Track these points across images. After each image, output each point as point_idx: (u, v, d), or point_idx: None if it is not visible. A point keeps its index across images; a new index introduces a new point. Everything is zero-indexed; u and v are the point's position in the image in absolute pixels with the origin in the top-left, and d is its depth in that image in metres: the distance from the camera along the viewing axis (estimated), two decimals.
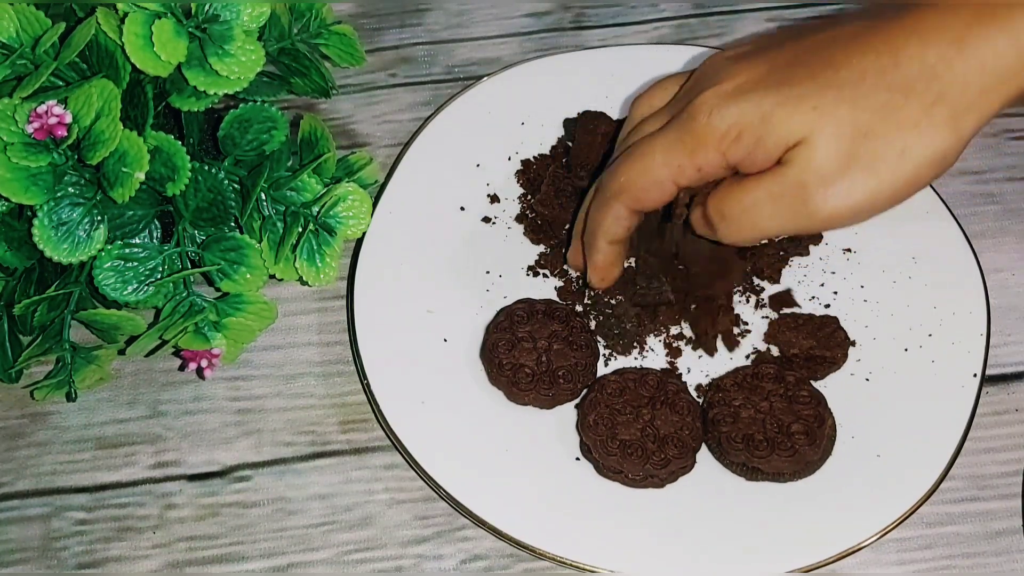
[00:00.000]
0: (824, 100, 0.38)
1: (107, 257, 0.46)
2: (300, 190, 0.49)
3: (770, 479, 0.46)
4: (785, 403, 0.47)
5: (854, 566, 0.46)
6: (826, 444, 0.47)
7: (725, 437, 0.46)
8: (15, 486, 0.49)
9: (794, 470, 0.46)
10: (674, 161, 0.41)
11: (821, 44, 0.41)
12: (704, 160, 0.40)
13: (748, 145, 0.40)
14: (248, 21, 0.47)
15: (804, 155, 0.39)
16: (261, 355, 0.52)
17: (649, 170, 0.42)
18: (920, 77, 0.38)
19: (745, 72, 0.41)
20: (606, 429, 0.46)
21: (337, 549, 0.47)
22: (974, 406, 0.48)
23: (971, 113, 0.38)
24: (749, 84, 0.40)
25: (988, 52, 0.38)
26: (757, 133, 0.39)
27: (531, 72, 0.58)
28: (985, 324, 0.50)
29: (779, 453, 0.46)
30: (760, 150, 0.40)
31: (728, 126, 0.39)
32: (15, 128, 0.43)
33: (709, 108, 0.40)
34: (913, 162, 0.39)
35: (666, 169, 0.41)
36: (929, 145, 0.38)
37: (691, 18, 0.64)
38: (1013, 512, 0.47)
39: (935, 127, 0.38)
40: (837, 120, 0.38)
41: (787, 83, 0.39)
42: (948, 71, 0.38)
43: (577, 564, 0.45)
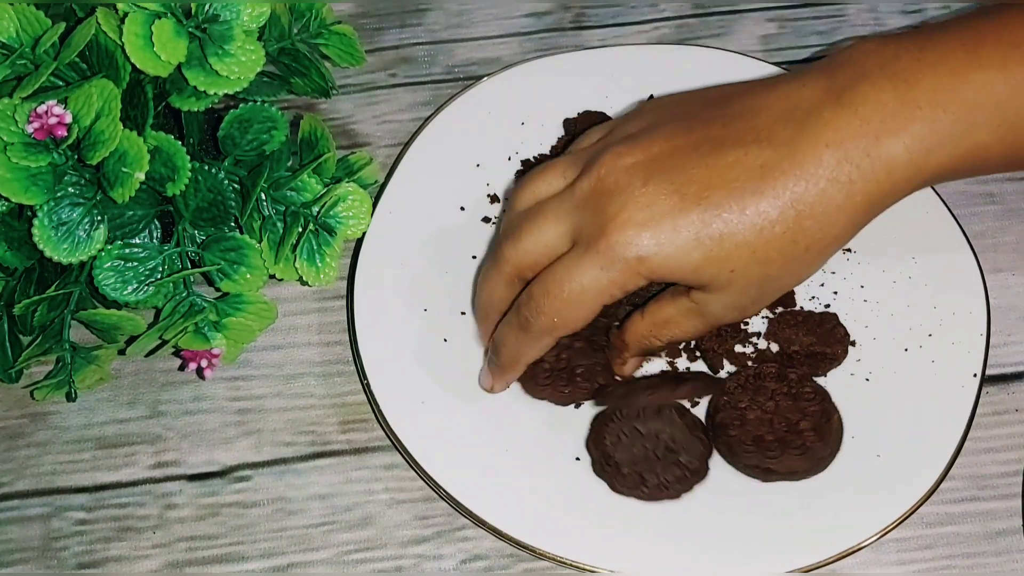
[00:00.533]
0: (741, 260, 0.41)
1: (107, 257, 0.46)
2: (300, 190, 0.49)
3: (784, 478, 0.46)
4: (790, 401, 0.47)
5: (854, 566, 0.46)
6: (835, 439, 0.47)
7: (735, 440, 0.46)
8: (15, 486, 0.49)
9: (807, 467, 0.46)
10: (605, 292, 0.42)
11: (728, 158, 0.41)
12: (632, 286, 0.42)
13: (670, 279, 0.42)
14: (248, 21, 0.47)
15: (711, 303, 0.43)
16: (261, 355, 0.52)
17: (585, 305, 0.43)
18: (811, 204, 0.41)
19: (653, 192, 0.41)
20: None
21: (337, 549, 0.47)
22: (974, 406, 0.48)
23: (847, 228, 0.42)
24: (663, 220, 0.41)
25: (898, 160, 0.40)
26: (682, 276, 0.42)
27: (531, 72, 0.58)
28: (985, 324, 0.50)
29: (791, 452, 0.46)
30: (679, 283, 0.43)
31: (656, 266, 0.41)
32: (15, 128, 0.43)
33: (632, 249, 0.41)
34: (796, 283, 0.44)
35: (598, 300, 0.42)
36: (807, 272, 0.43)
37: (691, 18, 0.64)
38: (1013, 512, 0.47)
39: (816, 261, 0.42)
40: (747, 279, 0.42)
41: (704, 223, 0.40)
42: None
43: (577, 564, 0.45)
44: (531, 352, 0.46)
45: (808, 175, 0.40)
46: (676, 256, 0.41)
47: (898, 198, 0.41)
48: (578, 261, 0.42)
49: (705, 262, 0.41)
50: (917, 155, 0.40)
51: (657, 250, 0.41)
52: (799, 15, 0.64)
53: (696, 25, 0.63)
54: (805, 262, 0.42)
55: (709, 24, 0.63)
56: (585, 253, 0.42)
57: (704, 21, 0.63)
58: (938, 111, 0.40)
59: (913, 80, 0.40)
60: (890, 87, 0.40)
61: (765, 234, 0.40)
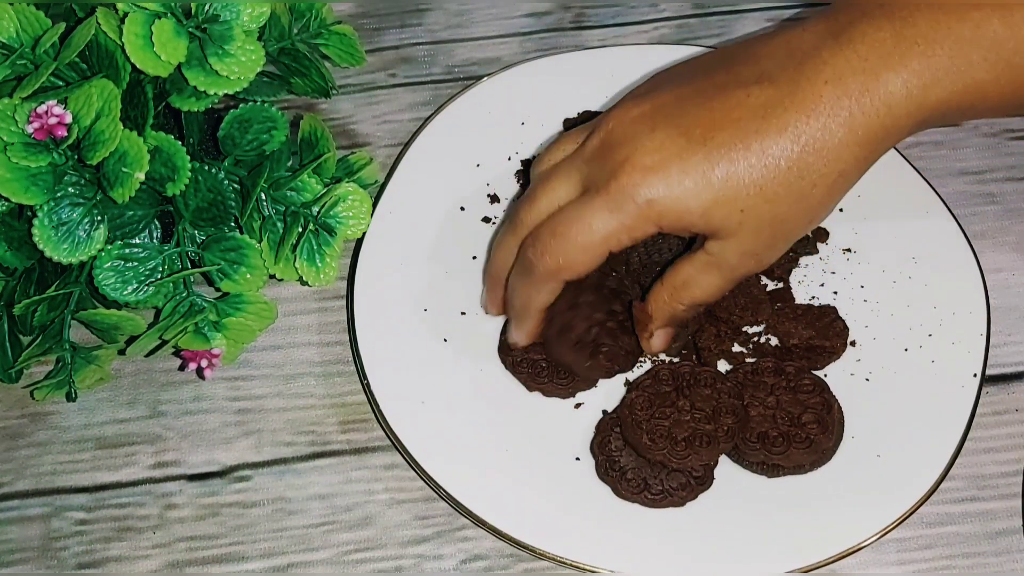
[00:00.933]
0: (749, 199, 0.41)
1: (107, 257, 0.46)
2: (300, 190, 0.49)
3: (791, 473, 0.46)
4: (790, 395, 0.47)
5: (854, 566, 0.46)
6: (837, 429, 0.47)
7: (740, 439, 0.46)
8: (15, 486, 0.49)
9: (812, 460, 0.46)
10: (612, 236, 0.42)
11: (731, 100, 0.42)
12: (641, 233, 0.42)
13: (680, 226, 0.42)
14: (248, 21, 0.47)
15: (726, 251, 0.43)
16: (261, 355, 0.52)
17: (591, 249, 0.43)
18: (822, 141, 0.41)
19: (660, 137, 0.42)
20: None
21: (337, 549, 0.47)
22: (974, 406, 0.48)
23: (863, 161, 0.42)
24: (671, 163, 0.41)
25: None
26: (692, 221, 0.42)
27: (531, 72, 0.58)
28: (985, 324, 0.50)
29: (796, 446, 0.46)
30: (690, 230, 0.43)
31: (665, 209, 0.41)
32: (15, 128, 0.43)
33: (641, 193, 0.41)
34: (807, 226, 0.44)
35: (605, 244, 0.43)
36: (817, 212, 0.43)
37: (691, 18, 0.64)
38: (1013, 512, 0.47)
39: (825, 200, 0.42)
40: (758, 219, 0.42)
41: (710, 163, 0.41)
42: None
43: (577, 564, 0.45)
44: (539, 296, 0.46)
45: (809, 111, 0.41)
46: (685, 198, 0.41)
47: (900, 136, 0.42)
48: (588, 204, 0.43)
49: (714, 203, 0.41)
50: (915, 90, 0.40)
51: (666, 192, 0.41)
52: (799, 15, 0.64)
53: (696, 25, 0.63)
54: (814, 200, 0.42)
55: (709, 24, 0.63)
56: (595, 197, 0.42)
57: (704, 21, 0.63)
58: (935, 47, 0.40)
59: (911, 18, 0.41)
60: (888, 25, 0.41)
61: (770, 171, 0.41)
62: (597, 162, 0.43)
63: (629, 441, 0.46)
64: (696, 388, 0.47)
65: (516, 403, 0.49)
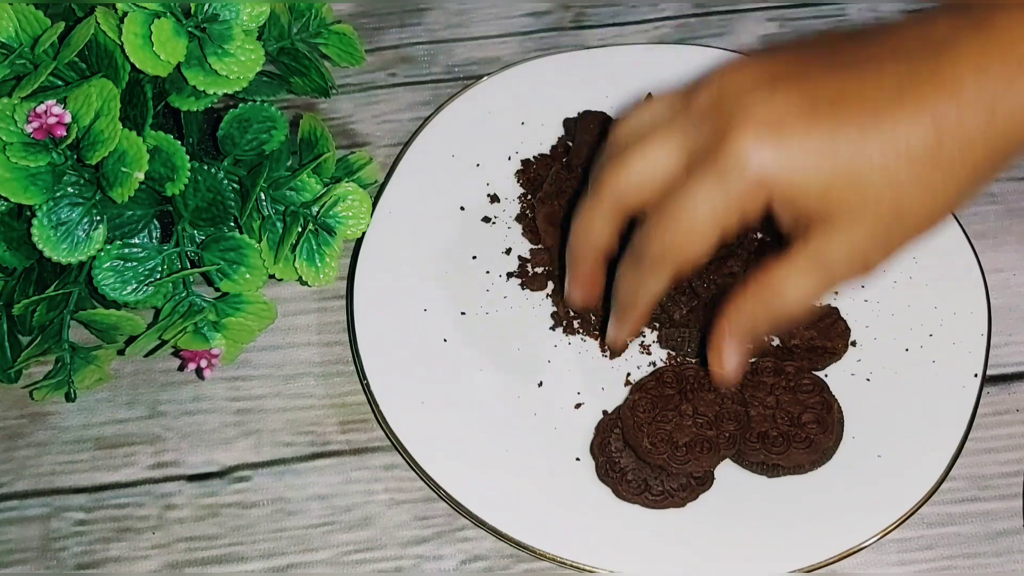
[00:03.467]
0: (874, 182, 0.37)
1: (106, 257, 0.46)
2: (300, 190, 0.49)
3: (791, 472, 0.46)
4: (790, 395, 0.47)
5: (854, 566, 0.46)
6: (837, 429, 0.47)
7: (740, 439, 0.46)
8: (14, 486, 0.49)
9: (812, 460, 0.46)
10: (721, 215, 0.38)
11: (862, 73, 0.38)
12: (752, 207, 0.38)
13: (792, 206, 0.38)
14: (247, 21, 0.46)
15: (833, 243, 0.38)
16: (261, 355, 0.52)
17: (700, 233, 0.38)
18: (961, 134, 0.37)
19: (780, 101, 0.37)
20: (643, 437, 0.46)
21: (337, 549, 0.47)
22: (975, 406, 0.48)
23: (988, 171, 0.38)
24: (793, 129, 0.37)
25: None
26: (807, 202, 0.37)
27: (531, 72, 0.58)
28: (986, 324, 0.50)
29: (796, 446, 0.46)
30: (798, 210, 0.38)
31: (780, 179, 0.37)
32: (14, 128, 0.43)
33: (755, 160, 0.37)
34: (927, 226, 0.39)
35: (714, 225, 0.38)
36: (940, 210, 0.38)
37: (691, 17, 0.64)
38: (1014, 512, 0.47)
39: (952, 196, 0.38)
40: (879, 207, 0.37)
41: (836, 134, 0.37)
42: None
43: (577, 564, 0.45)
44: (647, 289, 0.41)
45: (950, 93, 0.36)
46: (804, 171, 0.36)
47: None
48: (694, 182, 0.38)
49: (835, 180, 0.36)
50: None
51: (784, 163, 0.36)
52: (799, 15, 0.64)
53: (696, 24, 0.63)
54: (940, 194, 0.37)
55: (709, 23, 0.63)
56: (700, 170, 0.37)
57: (704, 21, 0.63)
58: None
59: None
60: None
61: (902, 153, 0.36)
62: (703, 124, 0.38)
63: (630, 444, 0.46)
64: (700, 392, 0.47)
65: (516, 403, 0.49)
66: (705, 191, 0.37)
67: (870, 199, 0.37)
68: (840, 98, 0.37)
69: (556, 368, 0.50)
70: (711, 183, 0.37)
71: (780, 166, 0.36)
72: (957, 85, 0.37)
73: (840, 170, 0.36)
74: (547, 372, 0.50)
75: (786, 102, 0.37)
